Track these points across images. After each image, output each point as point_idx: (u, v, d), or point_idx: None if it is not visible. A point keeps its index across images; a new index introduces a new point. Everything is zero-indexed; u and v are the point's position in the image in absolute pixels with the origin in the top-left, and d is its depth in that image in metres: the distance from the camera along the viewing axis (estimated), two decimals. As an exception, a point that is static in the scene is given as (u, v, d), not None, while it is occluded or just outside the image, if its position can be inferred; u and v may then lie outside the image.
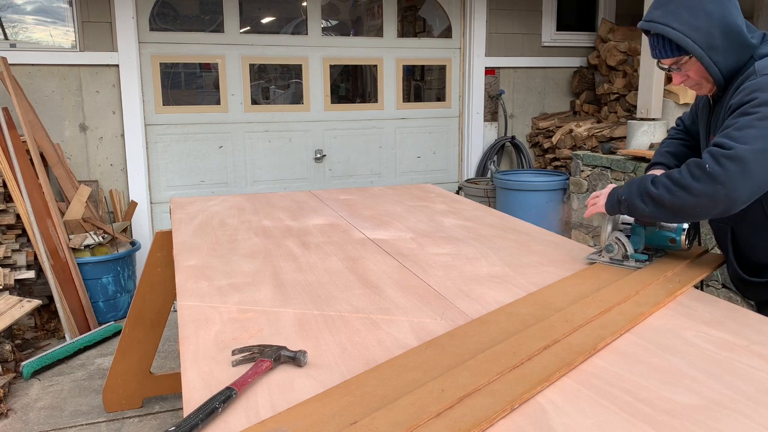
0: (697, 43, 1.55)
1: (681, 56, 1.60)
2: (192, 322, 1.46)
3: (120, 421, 2.90)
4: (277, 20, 5.08)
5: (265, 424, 1.01)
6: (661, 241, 1.82)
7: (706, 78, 1.64)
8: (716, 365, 1.23)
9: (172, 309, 2.81)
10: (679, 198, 1.52)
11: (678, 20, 1.55)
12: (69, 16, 4.21)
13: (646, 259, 1.79)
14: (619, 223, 1.87)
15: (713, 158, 1.47)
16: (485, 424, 1.01)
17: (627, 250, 1.79)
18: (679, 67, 1.63)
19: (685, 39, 1.55)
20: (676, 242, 1.79)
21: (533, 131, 5.55)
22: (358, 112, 5.17)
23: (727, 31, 1.55)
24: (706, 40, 1.55)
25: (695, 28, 1.54)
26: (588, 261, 1.89)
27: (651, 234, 1.82)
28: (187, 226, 2.42)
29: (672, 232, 1.80)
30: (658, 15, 1.58)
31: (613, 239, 1.82)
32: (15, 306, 3.31)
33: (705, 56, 1.56)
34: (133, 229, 4.50)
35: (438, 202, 2.87)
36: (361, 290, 1.68)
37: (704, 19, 1.54)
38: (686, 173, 1.51)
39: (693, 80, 1.67)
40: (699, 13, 1.54)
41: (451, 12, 5.25)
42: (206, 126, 4.70)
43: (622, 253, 1.80)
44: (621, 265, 1.80)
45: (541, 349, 1.27)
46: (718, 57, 1.58)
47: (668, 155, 1.97)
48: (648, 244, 1.85)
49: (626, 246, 1.79)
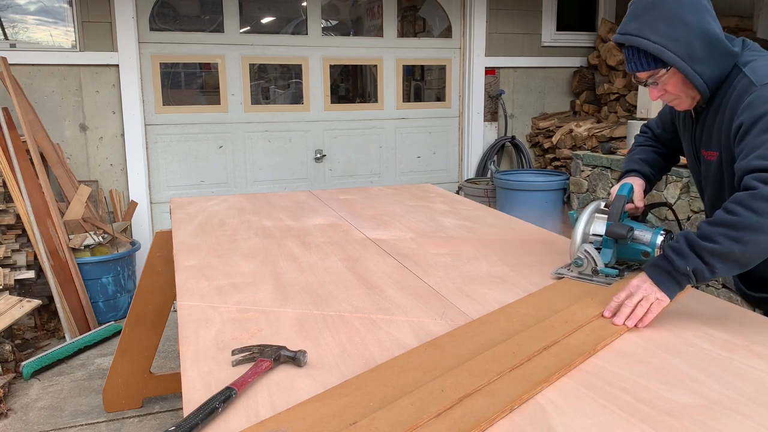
0: (677, 54, 1.47)
1: (658, 69, 1.52)
2: (192, 322, 1.46)
3: (120, 421, 2.90)
4: (277, 20, 5.08)
5: (265, 424, 1.01)
6: (634, 254, 1.68)
7: (685, 92, 1.56)
8: (716, 365, 1.23)
9: (172, 309, 2.81)
10: (752, 242, 1.31)
11: (655, 32, 1.47)
12: (69, 16, 4.21)
13: (617, 275, 1.65)
14: (589, 234, 1.73)
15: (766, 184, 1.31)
16: (485, 425, 1.01)
17: (597, 264, 1.65)
18: (656, 80, 1.55)
19: (664, 51, 1.47)
20: (650, 255, 1.64)
21: (533, 131, 5.55)
22: (358, 112, 5.17)
23: (708, 40, 1.48)
24: (686, 51, 1.47)
25: (674, 39, 1.46)
26: (555, 275, 1.76)
27: (623, 247, 1.68)
28: (187, 226, 2.42)
29: (645, 245, 1.65)
30: (633, 27, 1.50)
31: (582, 252, 1.68)
32: (15, 306, 3.31)
33: (687, 68, 1.48)
34: (133, 229, 4.50)
35: (438, 202, 2.87)
36: (361, 290, 1.68)
37: (683, 30, 1.46)
38: (745, 212, 1.31)
39: (671, 95, 1.59)
40: (677, 24, 1.47)
41: (451, 12, 5.25)
42: (206, 126, 4.70)
43: (591, 267, 1.66)
44: (590, 281, 1.66)
45: (541, 349, 1.27)
46: (702, 68, 1.50)
47: (642, 162, 1.88)
48: (620, 258, 1.71)
49: (596, 260, 1.66)
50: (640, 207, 1.77)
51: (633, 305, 1.40)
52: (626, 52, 1.56)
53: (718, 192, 1.67)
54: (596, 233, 1.71)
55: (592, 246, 1.68)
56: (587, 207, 1.76)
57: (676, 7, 1.47)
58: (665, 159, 1.95)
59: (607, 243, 1.68)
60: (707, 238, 1.34)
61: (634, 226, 1.67)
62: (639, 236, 1.66)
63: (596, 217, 1.74)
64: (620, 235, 1.63)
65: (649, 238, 1.65)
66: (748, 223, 1.30)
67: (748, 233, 1.30)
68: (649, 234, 1.65)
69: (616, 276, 1.65)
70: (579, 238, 1.70)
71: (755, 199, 1.30)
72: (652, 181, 1.88)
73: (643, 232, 1.66)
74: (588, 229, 1.73)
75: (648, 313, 1.40)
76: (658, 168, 1.93)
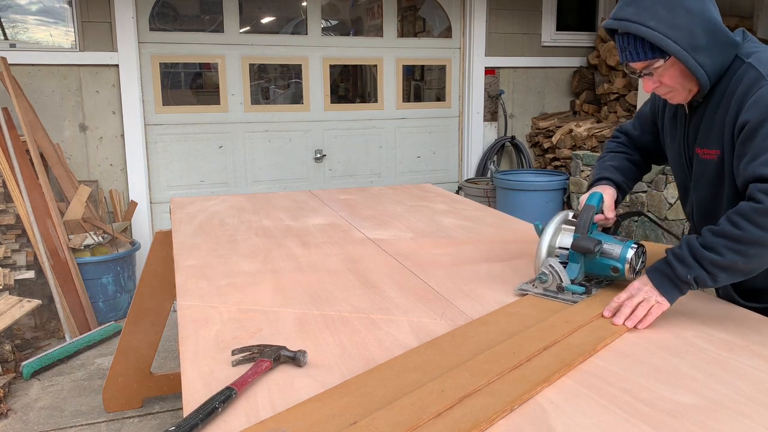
0: (679, 43, 1.36)
1: (656, 59, 1.41)
2: (192, 322, 1.46)
3: (120, 421, 2.90)
4: (277, 20, 5.08)
5: (265, 424, 1.01)
6: (603, 270, 1.56)
7: (682, 84, 1.46)
8: (716, 365, 1.23)
9: (172, 309, 2.81)
10: (756, 256, 1.29)
11: (654, 18, 1.36)
12: (69, 16, 4.21)
13: (583, 292, 1.53)
14: (555, 247, 1.60)
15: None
16: (485, 425, 1.01)
17: (562, 280, 1.53)
18: (652, 71, 1.44)
19: (664, 39, 1.36)
20: (619, 271, 1.52)
21: (533, 131, 5.55)
22: (358, 112, 5.17)
23: (711, 28, 1.38)
24: (688, 40, 1.37)
25: (675, 26, 1.36)
26: (518, 292, 1.63)
27: (591, 262, 1.56)
28: (187, 226, 2.42)
29: (615, 260, 1.52)
30: (630, 12, 1.39)
31: (547, 267, 1.55)
32: (15, 306, 3.31)
33: (689, 58, 1.38)
34: (133, 229, 4.50)
35: (438, 202, 2.87)
36: (361, 290, 1.68)
37: (684, 17, 1.36)
38: (750, 227, 1.28)
39: (667, 87, 1.48)
40: (678, 10, 1.36)
41: (451, 12, 5.25)
42: (206, 126, 4.70)
43: (556, 283, 1.54)
44: (555, 298, 1.54)
45: (541, 349, 1.27)
46: (704, 58, 1.39)
47: (614, 170, 1.77)
48: (589, 273, 1.60)
49: (561, 276, 1.53)
50: (610, 218, 1.65)
51: (633, 306, 1.39)
52: (620, 39, 1.45)
53: (712, 193, 1.56)
54: (563, 246, 1.59)
55: (557, 260, 1.56)
56: (554, 217, 1.64)
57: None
58: (638, 167, 1.84)
59: (574, 257, 1.56)
60: (710, 248, 1.32)
61: (603, 239, 1.55)
62: (608, 250, 1.54)
63: (563, 229, 1.62)
64: (587, 249, 1.51)
65: (619, 252, 1.52)
66: (752, 239, 1.28)
67: (751, 247, 1.29)
68: (619, 248, 1.53)
69: (583, 294, 1.53)
70: (544, 251, 1.58)
71: (759, 215, 1.27)
72: (624, 190, 1.77)
73: (612, 245, 1.54)
74: (554, 241, 1.60)
75: (648, 315, 1.39)
76: (631, 176, 1.81)
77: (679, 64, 1.41)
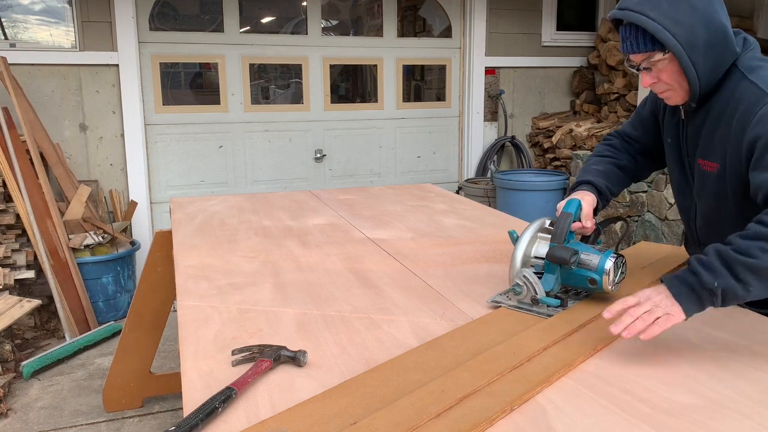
0: (677, 38, 1.34)
1: (654, 51, 1.38)
2: (192, 322, 1.46)
3: (120, 421, 2.90)
4: (277, 20, 5.08)
5: (265, 424, 1.01)
6: (580, 281, 1.47)
7: (679, 83, 1.43)
8: (716, 365, 1.23)
9: (172, 309, 2.81)
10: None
11: (656, 10, 1.34)
12: (69, 16, 4.21)
13: (559, 305, 1.45)
14: (531, 257, 1.52)
15: None
16: (485, 425, 1.01)
17: (537, 292, 1.45)
18: (651, 65, 1.41)
19: (664, 31, 1.33)
20: (597, 283, 1.44)
21: (533, 131, 5.55)
22: (358, 112, 5.17)
23: (713, 29, 1.36)
24: (687, 36, 1.34)
25: (676, 21, 1.33)
26: (492, 304, 1.55)
27: (568, 273, 1.47)
28: (187, 226, 2.42)
29: (592, 271, 1.44)
30: (633, 3, 1.37)
31: (521, 278, 1.46)
32: (15, 306, 3.31)
33: (684, 54, 1.35)
34: (133, 229, 4.50)
35: (438, 202, 2.87)
36: (361, 290, 1.68)
37: (687, 12, 1.34)
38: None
39: (664, 84, 1.45)
40: (682, 4, 1.34)
41: (451, 12, 5.25)
42: (206, 126, 4.70)
43: (531, 295, 1.46)
44: (530, 311, 1.46)
45: (541, 349, 1.27)
46: (698, 58, 1.36)
47: (597, 174, 1.69)
48: (566, 285, 1.52)
49: (536, 287, 1.44)
50: (588, 227, 1.57)
51: (636, 316, 1.24)
52: (622, 30, 1.43)
53: (716, 206, 1.53)
54: (538, 256, 1.51)
55: (532, 270, 1.48)
56: (530, 225, 1.56)
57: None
58: (626, 172, 1.75)
59: (550, 268, 1.48)
60: (743, 252, 1.20)
61: (581, 249, 1.47)
62: (585, 260, 1.45)
63: (539, 237, 1.54)
64: (562, 260, 1.43)
65: (596, 262, 1.44)
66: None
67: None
68: (596, 258, 1.45)
69: (558, 307, 1.45)
70: (518, 261, 1.50)
71: None
72: (606, 196, 1.69)
73: (590, 255, 1.46)
74: (529, 250, 1.52)
75: (653, 326, 1.22)
76: (616, 181, 1.73)
77: (677, 61, 1.39)
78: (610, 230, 4.26)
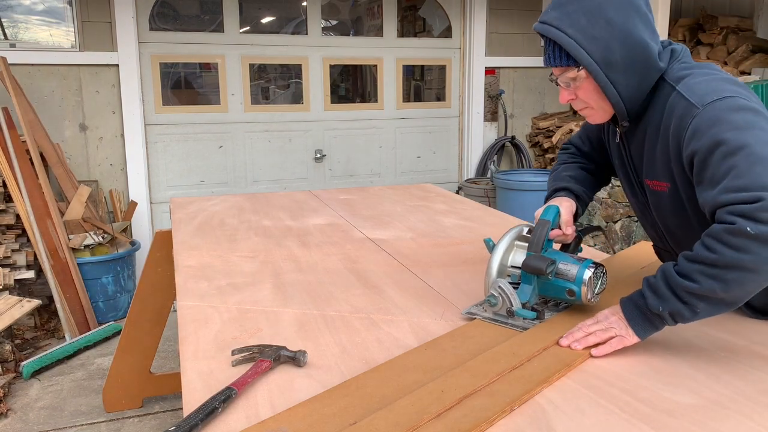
0: (592, 55, 1.30)
1: (569, 67, 1.34)
2: (192, 322, 1.46)
3: (120, 421, 2.90)
4: (277, 20, 5.08)
5: (265, 424, 1.01)
6: (558, 292, 1.41)
7: (596, 101, 1.38)
8: (716, 365, 1.23)
9: (172, 309, 2.81)
10: (735, 281, 1.15)
11: (574, 26, 1.30)
12: (69, 16, 4.21)
13: (535, 317, 1.38)
14: (507, 266, 1.45)
15: (747, 218, 1.12)
16: (485, 425, 1.01)
17: (512, 304, 1.38)
18: (568, 82, 1.37)
19: (578, 48, 1.30)
20: (575, 294, 1.37)
21: (533, 131, 5.55)
22: (358, 112, 5.17)
23: (630, 45, 1.31)
24: (602, 54, 1.30)
25: (592, 37, 1.29)
26: (466, 315, 1.48)
27: (545, 283, 1.41)
28: (187, 226, 2.42)
29: (570, 282, 1.37)
30: (553, 17, 1.33)
31: (496, 289, 1.39)
32: (15, 306, 3.31)
33: (600, 72, 1.31)
34: (133, 229, 4.50)
35: (438, 202, 2.87)
36: (361, 290, 1.68)
37: (603, 29, 1.29)
38: (724, 249, 1.14)
39: (582, 102, 1.40)
40: (599, 20, 1.29)
41: (451, 12, 5.25)
42: (206, 126, 4.70)
43: (506, 307, 1.38)
44: (505, 324, 1.39)
45: (541, 349, 1.27)
46: (617, 76, 1.32)
47: (571, 180, 1.64)
48: (544, 296, 1.46)
49: (511, 299, 1.37)
50: (568, 234, 1.52)
51: (589, 332, 1.28)
52: (545, 43, 1.38)
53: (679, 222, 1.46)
54: (515, 265, 1.44)
55: (508, 281, 1.41)
56: (507, 233, 1.49)
57: (601, 1, 1.30)
58: (595, 177, 1.71)
59: (527, 278, 1.41)
60: (685, 275, 1.18)
61: (559, 258, 1.40)
62: (563, 270, 1.38)
63: (516, 246, 1.47)
64: (538, 270, 1.35)
65: (575, 272, 1.37)
66: (728, 261, 1.13)
67: (728, 272, 1.14)
68: (575, 268, 1.38)
69: (535, 319, 1.39)
70: (494, 271, 1.43)
71: (733, 235, 1.13)
72: (584, 200, 1.64)
73: (568, 265, 1.39)
74: (506, 259, 1.45)
75: (605, 345, 1.26)
76: (590, 186, 1.68)
77: (593, 80, 1.34)
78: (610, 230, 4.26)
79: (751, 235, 1.11)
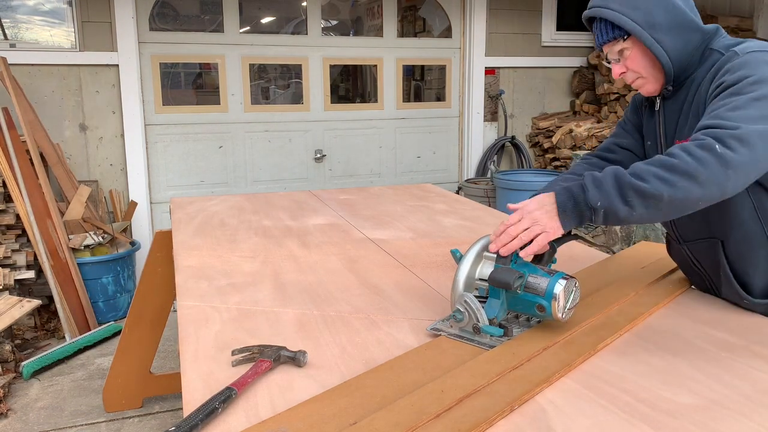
0: (636, 21, 1.40)
1: (616, 39, 1.44)
2: (192, 322, 1.46)
3: (120, 421, 2.90)
4: (277, 20, 5.08)
5: (265, 424, 1.01)
6: (527, 307, 1.31)
7: (646, 68, 1.46)
8: (716, 365, 1.23)
9: (172, 309, 2.81)
10: (684, 190, 1.19)
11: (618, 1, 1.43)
12: (69, 16, 4.21)
13: (502, 334, 1.30)
14: (475, 279, 1.36)
15: (718, 140, 1.19)
16: (485, 425, 1.01)
17: (479, 319, 1.29)
18: (618, 57, 1.46)
19: (621, 17, 1.40)
20: (545, 310, 1.28)
21: (533, 131, 5.55)
22: (358, 112, 5.17)
23: (671, 10, 1.41)
24: (645, 18, 1.40)
25: (634, 6, 1.41)
26: (431, 331, 1.38)
27: (514, 297, 1.31)
28: (187, 226, 2.42)
29: (540, 297, 1.28)
30: (597, 1, 1.47)
31: (462, 303, 1.31)
32: (15, 306, 3.31)
33: (644, 33, 1.40)
34: (133, 229, 4.50)
35: (438, 202, 2.87)
36: (361, 290, 1.68)
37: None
38: (686, 157, 1.20)
39: (633, 73, 1.48)
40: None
41: (451, 12, 5.25)
42: (206, 126, 4.70)
43: (473, 323, 1.30)
44: (471, 341, 1.30)
45: (541, 349, 1.27)
46: (662, 36, 1.41)
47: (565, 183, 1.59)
48: (513, 311, 1.36)
49: (478, 314, 1.29)
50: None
51: (513, 235, 1.30)
52: (594, 27, 1.50)
53: None
54: (483, 278, 1.35)
55: (474, 295, 1.33)
56: (475, 243, 1.40)
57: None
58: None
59: (495, 292, 1.32)
60: (637, 175, 1.23)
61: (528, 271, 1.31)
62: (532, 284, 1.29)
63: (485, 257, 1.38)
64: (505, 284, 1.27)
65: (545, 286, 1.28)
66: (686, 169, 1.19)
67: (682, 179, 1.19)
68: (545, 281, 1.29)
69: (502, 336, 1.30)
70: (461, 284, 1.34)
71: (700, 148, 1.20)
72: None
73: (538, 279, 1.30)
74: (473, 272, 1.36)
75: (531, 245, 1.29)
76: None
77: (640, 45, 1.43)
78: (610, 231, 4.26)
79: (716, 153, 1.18)
